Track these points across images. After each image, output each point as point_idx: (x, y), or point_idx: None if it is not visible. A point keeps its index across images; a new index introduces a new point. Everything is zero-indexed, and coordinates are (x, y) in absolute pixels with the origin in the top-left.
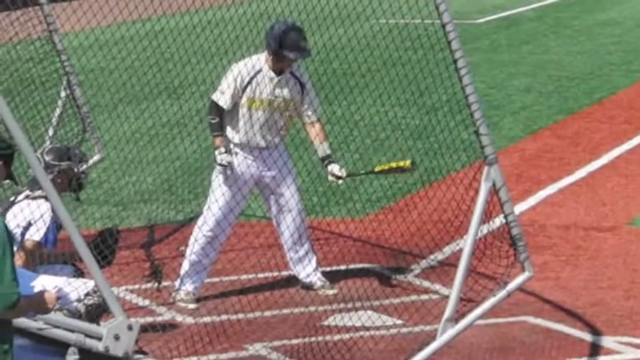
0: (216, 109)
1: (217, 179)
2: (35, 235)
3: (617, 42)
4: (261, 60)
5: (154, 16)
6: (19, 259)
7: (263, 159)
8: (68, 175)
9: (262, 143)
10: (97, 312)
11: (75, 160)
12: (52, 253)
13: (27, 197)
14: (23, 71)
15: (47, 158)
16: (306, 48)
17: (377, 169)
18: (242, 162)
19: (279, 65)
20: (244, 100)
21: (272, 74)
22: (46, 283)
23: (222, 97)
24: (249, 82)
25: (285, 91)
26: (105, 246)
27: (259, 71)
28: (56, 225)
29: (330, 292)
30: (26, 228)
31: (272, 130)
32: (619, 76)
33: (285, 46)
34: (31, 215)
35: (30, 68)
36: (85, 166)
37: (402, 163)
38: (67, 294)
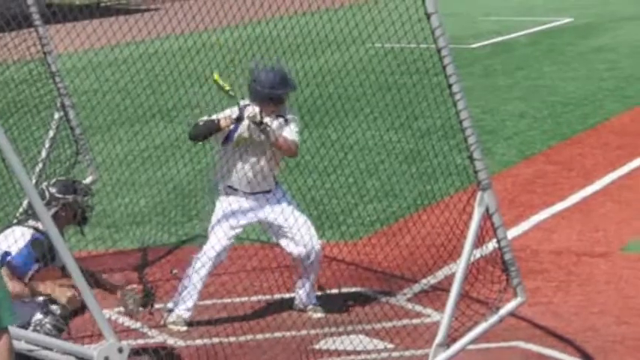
0: (206, 122)
1: (218, 212)
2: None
3: (610, 68)
4: (249, 106)
5: (147, 38)
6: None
7: (263, 202)
8: (73, 209)
9: (263, 185)
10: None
11: (80, 194)
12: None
13: (18, 223)
14: (17, 93)
15: (52, 190)
16: (293, 82)
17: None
18: (243, 203)
19: (270, 108)
20: (235, 136)
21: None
22: None
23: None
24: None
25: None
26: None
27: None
28: (34, 255)
29: (318, 315)
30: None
31: (267, 170)
32: (612, 102)
33: (275, 85)
34: (6, 241)
35: (23, 90)
36: (89, 200)
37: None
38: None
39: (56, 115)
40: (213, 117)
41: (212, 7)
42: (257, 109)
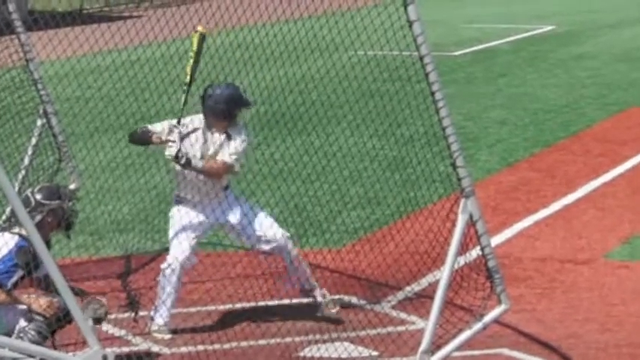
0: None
1: (172, 220)
2: None
3: (592, 75)
4: (196, 120)
5: (130, 45)
6: None
7: (215, 206)
8: (58, 215)
9: (211, 194)
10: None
11: (65, 199)
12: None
13: (2, 230)
14: None
15: (38, 197)
16: (249, 100)
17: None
18: (194, 210)
19: (223, 124)
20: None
21: (209, 134)
22: None
23: (152, 126)
24: (185, 137)
25: (218, 147)
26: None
27: (196, 129)
28: (18, 263)
29: (333, 310)
30: None
31: (213, 181)
32: (594, 109)
33: (228, 102)
34: None
35: (6, 97)
36: (74, 205)
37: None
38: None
39: (39, 123)
40: (150, 127)
41: (194, 14)
42: (173, 151)
